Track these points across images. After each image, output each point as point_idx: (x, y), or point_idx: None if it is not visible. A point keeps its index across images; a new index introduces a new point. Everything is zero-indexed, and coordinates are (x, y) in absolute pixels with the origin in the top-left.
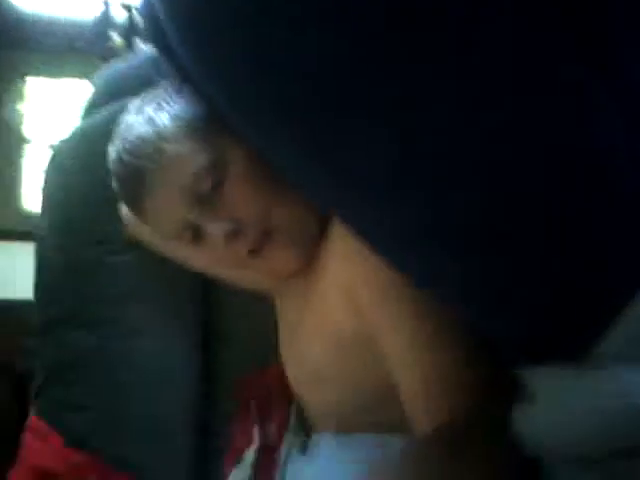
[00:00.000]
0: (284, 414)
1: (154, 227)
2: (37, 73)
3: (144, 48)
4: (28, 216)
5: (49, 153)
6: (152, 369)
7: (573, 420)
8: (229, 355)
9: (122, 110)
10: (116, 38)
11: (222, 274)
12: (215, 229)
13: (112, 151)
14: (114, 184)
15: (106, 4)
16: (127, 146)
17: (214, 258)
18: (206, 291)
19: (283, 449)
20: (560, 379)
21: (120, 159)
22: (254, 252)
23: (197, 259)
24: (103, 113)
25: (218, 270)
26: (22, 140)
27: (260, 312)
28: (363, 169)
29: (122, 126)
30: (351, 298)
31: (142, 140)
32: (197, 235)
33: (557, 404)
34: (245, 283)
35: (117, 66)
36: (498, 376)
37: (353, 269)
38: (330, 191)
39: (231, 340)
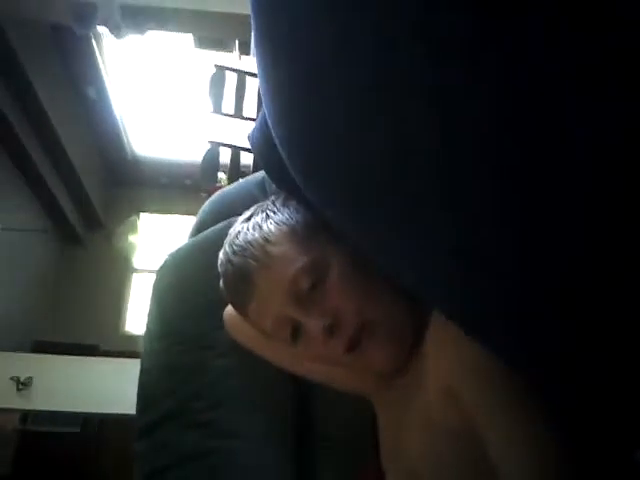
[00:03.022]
0: None
1: (256, 324)
2: (149, 209)
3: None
4: (132, 338)
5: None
6: (250, 469)
7: None
8: (326, 456)
9: (228, 227)
10: (222, 176)
11: (318, 375)
12: (313, 324)
13: (222, 255)
14: (222, 285)
15: (214, 146)
16: (235, 249)
17: (312, 355)
18: (303, 394)
19: None
20: None
21: (229, 260)
22: (351, 348)
23: (295, 359)
24: (209, 231)
25: (314, 370)
26: (132, 270)
27: (357, 414)
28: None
29: (232, 234)
30: (450, 393)
31: (249, 243)
32: (296, 332)
33: None
34: (341, 385)
35: (223, 190)
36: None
37: (450, 362)
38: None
39: (328, 441)
